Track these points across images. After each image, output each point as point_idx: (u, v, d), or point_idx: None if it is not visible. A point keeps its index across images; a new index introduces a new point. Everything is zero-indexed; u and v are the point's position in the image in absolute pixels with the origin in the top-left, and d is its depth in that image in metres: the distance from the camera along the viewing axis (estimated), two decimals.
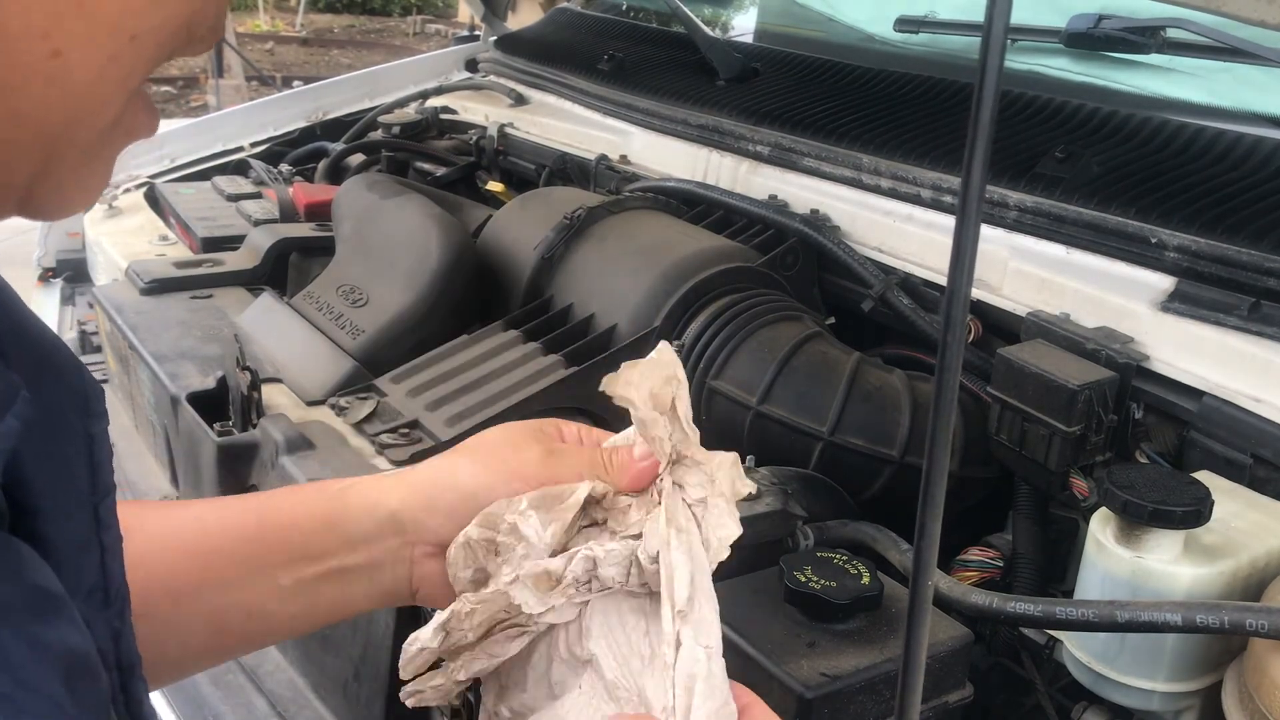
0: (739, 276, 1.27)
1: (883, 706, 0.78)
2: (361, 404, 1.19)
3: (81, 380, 0.41)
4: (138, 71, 0.36)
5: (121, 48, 0.35)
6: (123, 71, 0.35)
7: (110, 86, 0.35)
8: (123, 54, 0.35)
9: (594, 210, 1.38)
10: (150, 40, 0.36)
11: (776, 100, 1.56)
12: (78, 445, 0.40)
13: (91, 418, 0.41)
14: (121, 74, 0.35)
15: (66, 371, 0.40)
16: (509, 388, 1.18)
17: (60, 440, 0.39)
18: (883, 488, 1.11)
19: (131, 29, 0.35)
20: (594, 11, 2.30)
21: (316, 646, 1.03)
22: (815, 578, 0.81)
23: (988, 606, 0.86)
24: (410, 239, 1.36)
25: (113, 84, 0.35)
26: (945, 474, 0.37)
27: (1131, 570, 0.83)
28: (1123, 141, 1.23)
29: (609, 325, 1.25)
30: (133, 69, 0.36)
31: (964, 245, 0.34)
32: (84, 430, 0.40)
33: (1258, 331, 0.99)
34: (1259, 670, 0.75)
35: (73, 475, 0.39)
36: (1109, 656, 0.85)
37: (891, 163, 1.33)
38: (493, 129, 1.88)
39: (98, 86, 0.35)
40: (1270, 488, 0.93)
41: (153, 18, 0.35)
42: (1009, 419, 1.03)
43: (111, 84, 0.35)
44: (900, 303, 1.26)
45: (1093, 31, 1.40)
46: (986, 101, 0.33)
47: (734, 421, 1.16)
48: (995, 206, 1.20)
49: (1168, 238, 1.06)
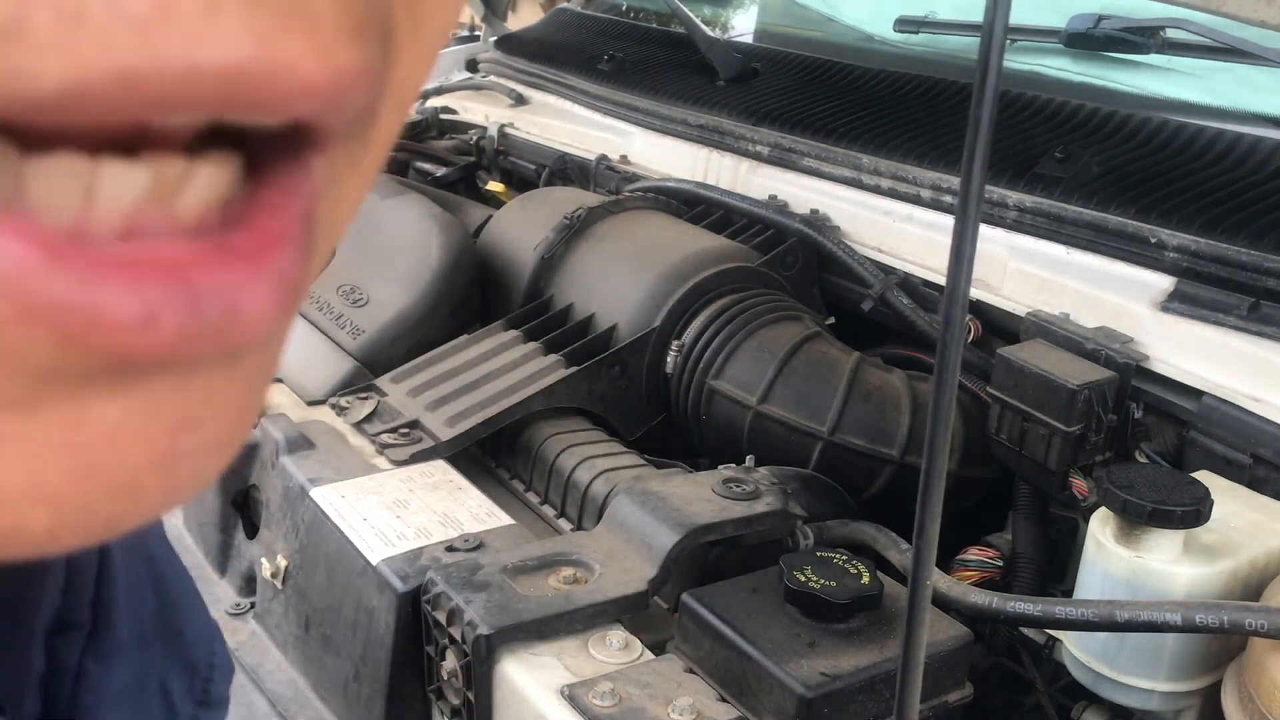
0: (739, 276, 1.27)
1: (882, 706, 0.78)
2: (362, 404, 1.19)
3: (208, 654, 0.36)
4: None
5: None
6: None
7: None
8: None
9: (594, 210, 1.38)
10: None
11: (776, 100, 1.56)
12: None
13: (205, 706, 0.36)
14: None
15: (188, 639, 0.36)
16: (509, 388, 1.18)
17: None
18: (883, 488, 1.11)
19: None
20: (594, 11, 2.30)
21: (316, 646, 1.04)
22: (815, 577, 0.81)
23: (987, 606, 0.86)
24: (410, 239, 1.36)
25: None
26: (944, 474, 0.37)
27: (1131, 570, 0.83)
28: (1123, 141, 1.23)
29: (609, 325, 1.25)
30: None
31: (963, 245, 0.34)
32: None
33: (1257, 331, 0.99)
34: (1259, 670, 0.75)
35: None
36: (1109, 656, 0.85)
37: (891, 163, 1.33)
38: (493, 129, 1.88)
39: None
40: (1270, 488, 0.93)
41: None
42: (1008, 419, 1.03)
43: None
44: (900, 303, 1.26)
45: (1092, 31, 1.40)
46: (986, 101, 0.33)
47: (734, 421, 1.16)
48: (995, 206, 1.20)
49: (1167, 238, 1.06)
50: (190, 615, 0.37)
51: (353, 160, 0.21)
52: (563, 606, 0.85)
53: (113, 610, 0.33)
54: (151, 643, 0.35)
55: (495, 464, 1.21)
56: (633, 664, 0.83)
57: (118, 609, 0.33)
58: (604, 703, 0.77)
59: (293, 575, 1.07)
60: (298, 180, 0.18)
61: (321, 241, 0.20)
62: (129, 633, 0.33)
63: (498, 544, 0.96)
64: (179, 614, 0.36)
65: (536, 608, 0.84)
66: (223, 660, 0.37)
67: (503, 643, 0.83)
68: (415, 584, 0.91)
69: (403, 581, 0.91)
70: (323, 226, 0.20)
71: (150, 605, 0.35)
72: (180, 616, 0.36)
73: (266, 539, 1.13)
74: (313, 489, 1.04)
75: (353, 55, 0.17)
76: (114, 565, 0.34)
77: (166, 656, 0.35)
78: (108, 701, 0.32)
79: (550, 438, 1.15)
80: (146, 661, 0.34)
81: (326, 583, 1.01)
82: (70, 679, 0.31)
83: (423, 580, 0.90)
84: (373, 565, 0.94)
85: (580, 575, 0.89)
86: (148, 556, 0.36)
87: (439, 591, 0.87)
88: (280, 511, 1.09)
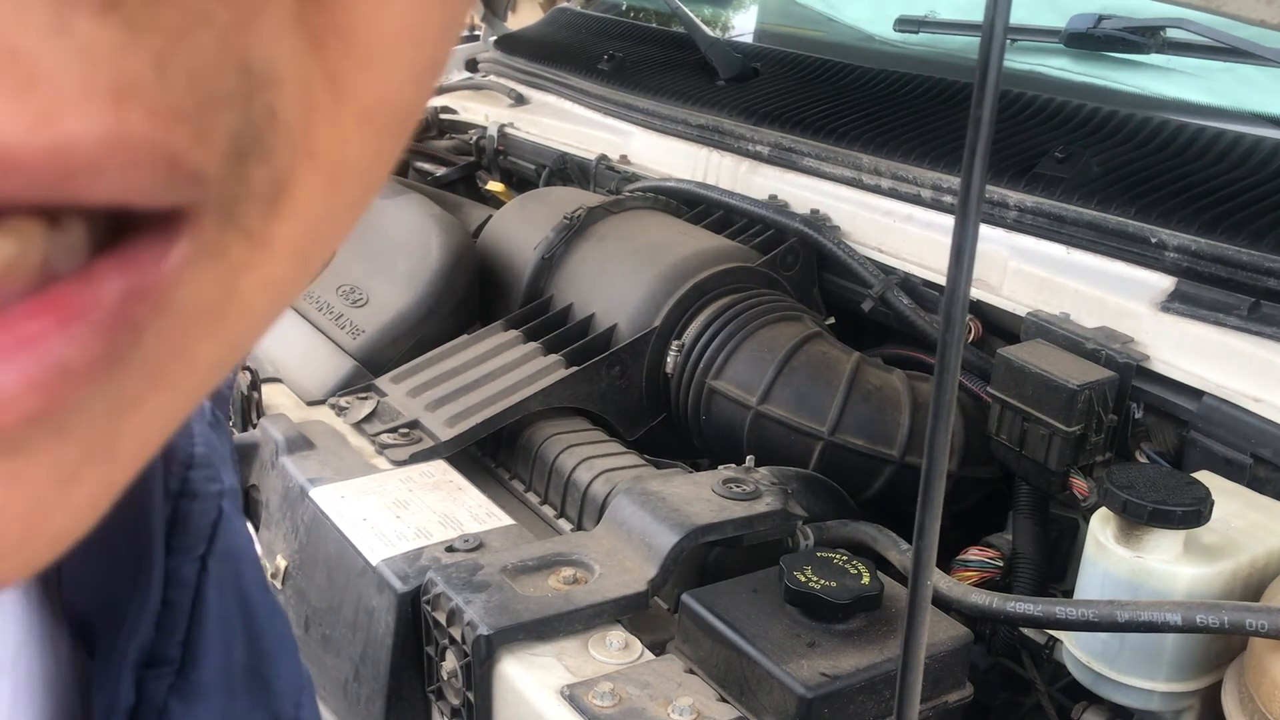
0: (739, 276, 1.27)
1: (883, 706, 0.78)
2: (361, 404, 1.19)
3: (294, 707, 0.35)
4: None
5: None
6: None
7: None
8: None
9: (594, 210, 1.38)
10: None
11: (776, 100, 1.56)
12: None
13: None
14: None
15: (276, 687, 0.35)
16: (509, 388, 1.18)
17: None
18: (883, 488, 1.11)
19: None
20: (594, 11, 2.30)
21: (316, 646, 1.03)
22: (815, 578, 0.81)
23: (987, 606, 0.86)
24: (410, 239, 1.36)
25: None
26: (944, 474, 0.37)
27: (1131, 570, 0.83)
28: (1123, 141, 1.23)
29: (609, 325, 1.25)
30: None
31: (964, 245, 0.34)
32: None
33: (1258, 331, 0.99)
34: (1259, 670, 0.75)
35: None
36: (1109, 656, 0.85)
37: (891, 163, 1.33)
38: (493, 129, 1.88)
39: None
40: (1270, 488, 0.93)
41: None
42: (1009, 419, 1.03)
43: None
44: (900, 303, 1.26)
45: (1093, 31, 1.40)
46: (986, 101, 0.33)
47: (734, 421, 1.16)
48: (995, 206, 1.20)
49: (1168, 238, 1.06)
50: (281, 664, 0.36)
51: (250, 243, 0.18)
52: (563, 607, 0.85)
53: (202, 650, 0.32)
54: (238, 689, 0.34)
55: (495, 464, 1.21)
56: (633, 664, 0.83)
57: (208, 649, 0.33)
58: (604, 703, 0.77)
59: (292, 575, 1.07)
60: (139, 256, 0.16)
61: (204, 324, 0.18)
62: (216, 675, 0.33)
63: (498, 544, 0.96)
64: (269, 662, 0.36)
65: (536, 608, 0.84)
66: (309, 715, 0.37)
67: (503, 643, 0.83)
68: (415, 584, 0.91)
69: (403, 582, 0.91)
70: (207, 309, 0.18)
71: (240, 650, 0.34)
72: (270, 665, 0.36)
73: (266, 539, 1.13)
74: (312, 489, 1.04)
75: (98, 124, 0.14)
76: (208, 604, 0.33)
77: (252, 706, 0.35)
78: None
79: (550, 438, 1.15)
80: (231, 708, 0.33)
81: (326, 583, 1.01)
82: (154, 716, 0.31)
83: (423, 580, 0.90)
84: (372, 565, 0.94)
85: (580, 575, 0.89)
86: (242, 599, 0.35)
87: (439, 592, 0.87)
88: (280, 512, 1.09)
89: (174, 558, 0.32)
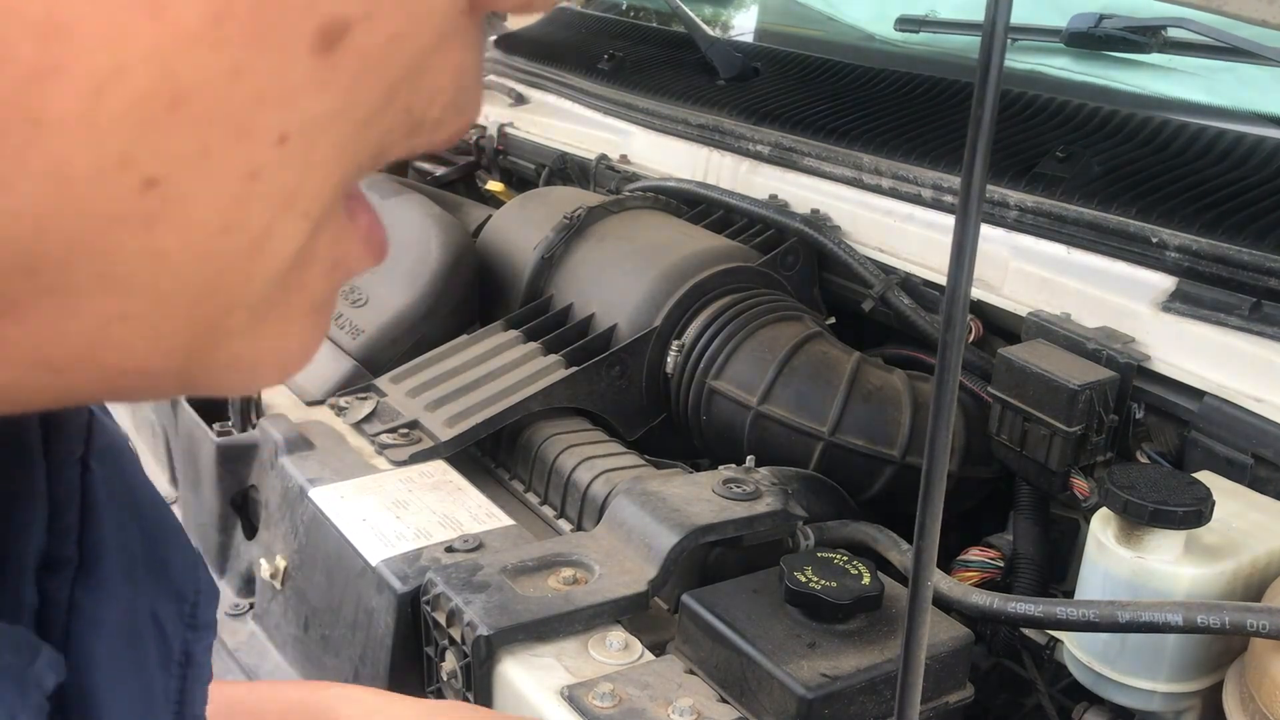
0: (739, 276, 1.27)
1: (883, 707, 0.78)
2: (361, 404, 1.19)
3: (194, 580, 0.37)
4: (311, 185, 0.24)
5: (265, 156, 0.22)
6: (281, 190, 0.23)
7: (264, 213, 0.23)
8: (270, 165, 0.23)
9: (594, 210, 1.38)
10: (320, 138, 0.23)
11: (776, 100, 1.56)
12: (166, 661, 0.35)
13: (194, 629, 0.36)
14: (281, 193, 0.23)
15: (173, 568, 0.36)
16: (509, 388, 1.18)
17: (142, 653, 0.34)
18: (883, 488, 1.11)
19: (277, 126, 0.22)
20: (594, 11, 2.30)
21: (316, 647, 1.03)
22: (816, 578, 0.81)
23: (988, 607, 0.86)
24: (410, 239, 1.36)
25: (268, 208, 0.23)
26: (945, 474, 0.37)
27: (1132, 570, 0.83)
28: (1124, 141, 1.22)
29: (609, 325, 1.25)
30: (301, 183, 0.24)
31: (964, 245, 0.34)
32: (181, 647, 0.36)
33: (1259, 331, 0.99)
34: (1260, 670, 0.75)
35: (151, 700, 0.34)
36: (1110, 657, 0.84)
37: (892, 162, 1.33)
38: (492, 128, 1.88)
39: (239, 217, 0.23)
40: (1271, 488, 0.93)
41: (314, 103, 0.23)
42: (1009, 419, 1.03)
43: (266, 209, 0.23)
44: (901, 303, 1.26)
45: (1093, 31, 1.40)
46: (987, 101, 0.32)
47: (734, 421, 1.16)
48: (996, 206, 1.20)
49: (1169, 238, 1.06)
50: (174, 544, 0.38)
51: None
52: (563, 607, 0.85)
53: (100, 545, 0.34)
54: (140, 574, 0.36)
55: (495, 464, 1.21)
56: (633, 665, 0.83)
57: (105, 544, 0.34)
58: (604, 704, 0.77)
59: (292, 576, 1.07)
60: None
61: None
62: (117, 566, 0.34)
63: (497, 544, 0.96)
64: (163, 544, 0.37)
65: (536, 608, 0.84)
66: (207, 585, 0.38)
67: (502, 643, 0.82)
68: (415, 584, 0.91)
69: (402, 582, 0.91)
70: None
71: (136, 538, 0.36)
72: (165, 547, 0.37)
73: (265, 539, 1.13)
74: (312, 489, 1.04)
75: None
76: (98, 502, 0.35)
77: (155, 586, 0.36)
78: (101, 632, 0.33)
79: (550, 438, 1.14)
80: (136, 592, 0.35)
81: (326, 583, 1.01)
82: (62, 612, 0.32)
83: (422, 581, 0.90)
84: (372, 566, 0.94)
85: (580, 576, 0.89)
86: (130, 491, 0.37)
87: (439, 592, 0.87)
88: (279, 512, 1.09)
89: (54, 462, 0.34)
